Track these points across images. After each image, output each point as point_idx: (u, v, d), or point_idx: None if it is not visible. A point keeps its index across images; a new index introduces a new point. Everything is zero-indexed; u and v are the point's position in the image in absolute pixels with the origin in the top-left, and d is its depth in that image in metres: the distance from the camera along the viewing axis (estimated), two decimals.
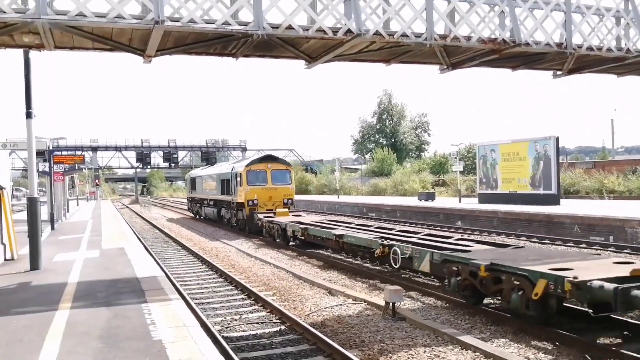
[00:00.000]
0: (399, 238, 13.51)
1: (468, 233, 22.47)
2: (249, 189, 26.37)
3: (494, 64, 11.46)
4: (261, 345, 8.47)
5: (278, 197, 26.83)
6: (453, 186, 44.83)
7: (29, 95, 12.01)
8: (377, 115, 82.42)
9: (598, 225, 19.93)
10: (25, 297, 9.46)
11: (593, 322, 8.60)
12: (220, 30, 8.71)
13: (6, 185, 14.71)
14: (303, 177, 74.25)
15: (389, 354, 7.83)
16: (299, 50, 10.15)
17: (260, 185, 26.70)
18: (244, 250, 19.70)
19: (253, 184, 26.55)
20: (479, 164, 32.28)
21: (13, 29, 8.14)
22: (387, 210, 34.72)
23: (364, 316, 9.94)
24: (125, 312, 7.98)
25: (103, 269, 12.06)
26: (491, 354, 7.51)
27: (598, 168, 39.11)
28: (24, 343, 6.62)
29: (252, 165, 27.15)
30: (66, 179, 35.71)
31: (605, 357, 7.43)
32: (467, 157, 52.74)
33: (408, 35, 9.47)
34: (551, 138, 27.02)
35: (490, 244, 12.56)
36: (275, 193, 26.89)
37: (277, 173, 27.40)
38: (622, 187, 34.14)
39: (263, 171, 27.09)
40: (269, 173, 27.08)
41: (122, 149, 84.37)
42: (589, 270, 8.20)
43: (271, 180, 26.99)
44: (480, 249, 11.31)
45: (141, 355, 5.96)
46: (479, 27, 9.90)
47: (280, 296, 11.96)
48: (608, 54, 10.79)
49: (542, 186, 27.43)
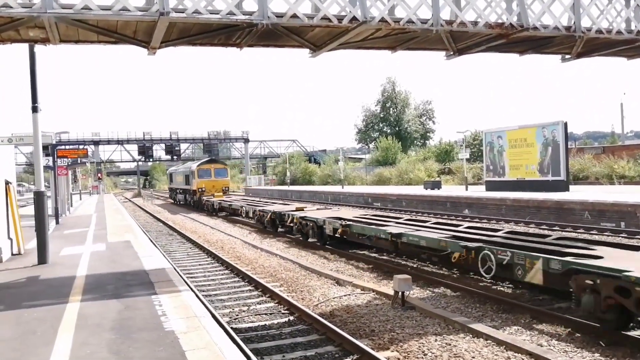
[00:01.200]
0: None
1: (476, 221, 22.40)
2: (199, 181, 40.73)
3: (501, 49, 11.33)
4: (270, 335, 8.48)
5: (219, 186, 40.63)
6: (459, 174, 44.68)
7: (35, 90, 11.99)
8: (380, 103, 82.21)
9: (609, 211, 19.81)
10: (35, 290, 9.50)
11: None
12: (225, 21, 8.63)
13: (12, 180, 14.71)
14: (306, 167, 74.22)
15: (399, 343, 7.80)
16: (303, 39, 10.07)
17: (206, 178, 41.04)
18: (249, 242, 19.69)
19: (202, 178, 40.97)
20: (486, 151, 32.10)
21: (19, 23, 8.13)
22: (392, 200, 34.65)
23: (373, 306, 9.92)
24: (135, 304, 7.99)
25: (110, 262, 12.07)
26: (503, 341, 7.48)
27: (608, 153, 38.81)
28: (38, 335, 6.65)
29: (201, 165, 42.35)
30: (69, 173, 35.81)
31: (618, 344, 7.38)
32: (473, 145, 52.51)
33: (414, 22, 9.36)
34: (559, 123, 26.80)
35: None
36: (217, 184, 40.87)
37: (218, 170, 42.53)
38: (633, 172, 33.90)
39: (208, 169, 41.98)
40: (213, 170, 42.02)
41: (124, 142, 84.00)
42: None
43: (214, 175, 41.71)
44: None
45: (155, 346, 5.97)
46: (485, 12, 9.77)
47: (287, 287, 11.94)
48: (618, 37, 10.65)
49: (550, 172, 27.28)
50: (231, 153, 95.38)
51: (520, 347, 7.21)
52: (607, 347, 7.26)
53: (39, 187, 12.55)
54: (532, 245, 9.87)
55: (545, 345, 7.49)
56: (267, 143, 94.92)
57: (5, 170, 13.87)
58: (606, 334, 7.61)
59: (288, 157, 73.07)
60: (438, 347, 7.55)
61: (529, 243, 10.18)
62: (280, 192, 56.89)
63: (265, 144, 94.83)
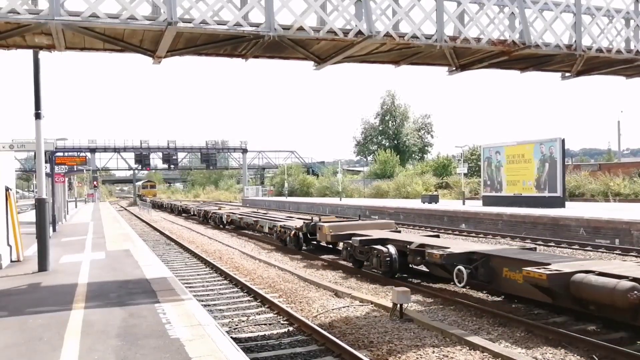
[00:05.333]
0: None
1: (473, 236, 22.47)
2: (142, 191, 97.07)
3: (503, 65, 11.46)
4: (270, 345, 8.51)
5: (152, 194, 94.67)
6: (457, 189, 44.83)
7: (38, 96, 12.00)
8: (379, 116, 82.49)
9: (604, 228, 19.93)
10: (38, 297, 9.51)
11: (603, 323, 8.61)
12: (232, 32, 8.72)
13: (12, 187, 14.72)
14: (304, 179, 74.29)
15: (397, 354, 7.87)
16: (308, 51, 10.16)
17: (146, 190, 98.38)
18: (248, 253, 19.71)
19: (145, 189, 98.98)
20: (484, 166, 32.24)
21: (26, 29, 8.16)
22: (390, 213, 34.73)
23: (371, 317, 9.98)
24: (139, 311, 8.02)
25: (111, 270, 12.09)
26: (499, 354, 7.56)
27: (604, 170, 39.10)
28: (44, 341, 6.67)
29: (144, 183, 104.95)
30: (66, 181, 35.77)
31: (613, 357, 7.47)
32: (471, 159, 52.76)
33: (418, 37, 9.47)
34: (557, 140, 26.99)
35: None
36: (150, 192, 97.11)
37: (151, 186, 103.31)
38: (628, 190, 34.14)
39: (147, 185, 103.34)
40: (149, 185, 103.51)
41: (121, 150, 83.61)
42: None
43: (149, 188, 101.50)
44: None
45: (161, 353, 6.01)
46: (488, 29, 9.90)
47: (286, 298, 11.98)
48: (617, 56, 10.79)
49: (547, 189, 27.42)
50: (229, 163, 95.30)
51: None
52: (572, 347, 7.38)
53: (41, 194, 12.57)
54: None
55: (540, 358, 7.60)
56: (266, 153, 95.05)
57: (5, 177, 13.89)
58: (599, 347, 7.69)
59: (286, 168, 73.14)
60: (435, 359, 7.61)
61: None
62: (277, 203, 56.91)
63: (263, 154, 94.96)
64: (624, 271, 8.37)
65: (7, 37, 8.46)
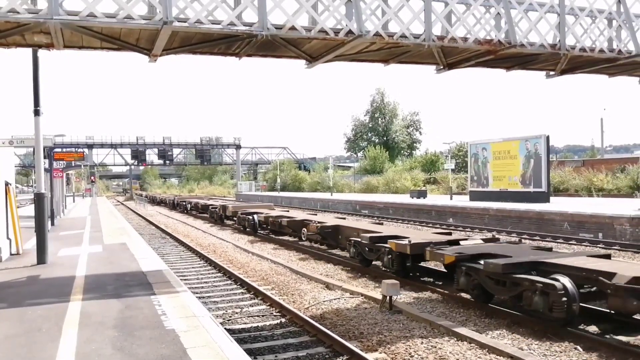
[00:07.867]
0: None
1: (460, 229, 22.80)
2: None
3: (489, 64, 11.75)
4: (263, 337, 8.69)
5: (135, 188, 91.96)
6: (444, 184, 45.22)
7: (37, 94, 12.07)
8: (369, 113, 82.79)
9: (587, 222, 20.32)
10: (36, 289, 9.66)
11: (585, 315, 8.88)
12: (226, 31, 8.94)
13: (12, 182, 14.85)
14: (296, 174, 74.57)
15: (387, 345, 8.05)
16: (300, 50, 10.39)
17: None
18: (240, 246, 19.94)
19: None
20: (471, 162, 32.63)
21: (25, 28, 8.33)
22: (379, 208, 35.06)
23: (361, 309, 10.18)
24: (136, 303, 8.19)
25: (108, 263, 12.24)
26: (486, 344, 7.73)
27: (587, 166, 39.68)
28: (43, 332, 6.82)
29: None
30: (64, 176, 35.87)
31: (595, 348, 7.69)
32: (458, 156, 53.15)
33: (407, 37, 9.74)
34: (542, 137, 27.41)
35: None
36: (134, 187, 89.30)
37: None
38: (611, 185, 34.72)
39: None
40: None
41: (118, 146, 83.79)
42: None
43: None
44: None
45: (157, 343, 6.18)
46: (475, 29, 10.18)
47: (279, 290, 12.22)
48: (600, 55, 11.10)
49: (532, 184, 27.83)
50: (223, 159, 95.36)
51: (502, 350, 7.49)
52: (584, 351, 7.61)
53: (40, 189, 12.71)
54: None
55: (525, 349, 7.76)
56: (259, 150, 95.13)
57: (5, 172, 14.02)
58: (584, 339, 7.98)
59: (279, 163, 73.31)
60: (424, 350, 7.79)
61: None
62: (270, 198, 57.09)
63: (256, 150, 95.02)
64: None
65: (7, 36, 8.62)
